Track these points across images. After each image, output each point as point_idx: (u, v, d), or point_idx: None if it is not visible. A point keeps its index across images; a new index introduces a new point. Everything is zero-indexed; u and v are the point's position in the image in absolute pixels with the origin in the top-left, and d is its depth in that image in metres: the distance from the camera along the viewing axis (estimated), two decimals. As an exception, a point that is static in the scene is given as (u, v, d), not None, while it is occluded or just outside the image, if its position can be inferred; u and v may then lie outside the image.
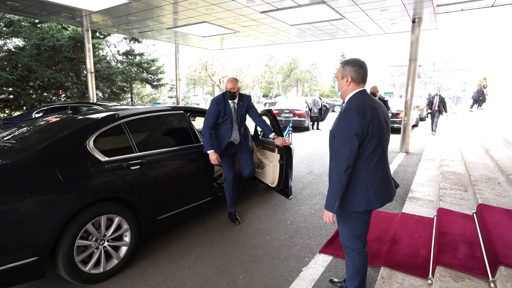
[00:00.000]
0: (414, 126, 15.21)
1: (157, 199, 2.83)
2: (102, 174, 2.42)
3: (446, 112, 9.58)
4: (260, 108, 29.15)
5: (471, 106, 15.34)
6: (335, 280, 2.38)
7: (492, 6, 6.21)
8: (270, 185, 3.90)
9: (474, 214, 3.25)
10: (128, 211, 2.58)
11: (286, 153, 3.62)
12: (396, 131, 9.49)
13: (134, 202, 2.60)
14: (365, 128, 1.64)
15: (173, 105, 3.42)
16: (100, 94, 12.09)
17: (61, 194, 2.13)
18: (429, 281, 2.27)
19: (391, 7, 6.33)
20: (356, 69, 1.76)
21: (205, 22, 7.88)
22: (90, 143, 2.43)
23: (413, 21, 7.16)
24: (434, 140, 9.33)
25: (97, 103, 8.39)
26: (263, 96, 44.99)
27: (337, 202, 1.68)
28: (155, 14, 7.47)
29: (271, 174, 3.85)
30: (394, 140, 9.26)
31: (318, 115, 13.02)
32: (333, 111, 26.52)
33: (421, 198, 4.20)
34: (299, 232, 3.30)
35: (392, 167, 6.23)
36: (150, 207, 2.75)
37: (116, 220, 2.47)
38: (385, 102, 6.11)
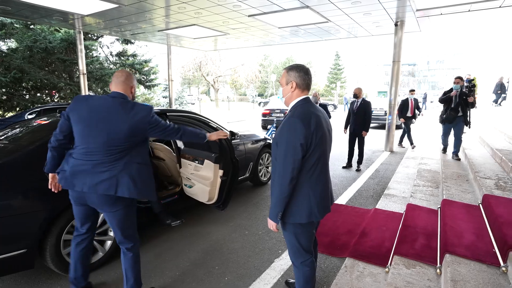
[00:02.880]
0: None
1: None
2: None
3: (419, 112, 8.54)
4: (256, 109, 29.32)
5: (496, 102, 13.91)
6: (291, 281, 2.41)
7: (469, 11, 6.47)
8: (205, 202, 3.29)
9: (439, 209, 3.49)
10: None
11: (233, 167, 3.10)
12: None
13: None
14: (309, 139, 1.59)
15: (156, 109, 3.59)
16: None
17: (49, 192, 2.32)
18: (386, 269, 2.49)
19: (373, 11, 6.57)
20: (301, 75, 1.69)
21: (195, 25, 8.06)
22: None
23: (396, 24, 7.41)
24: (420, 139, 9.60)
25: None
26: (258, 95, 45.24)
27: (280, 213, 1.65)
28: (146, 17, 7.64)
29: (206, 193, 3.15)
30: (379, 139, 9.54)
31: None
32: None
33: (395, 195, 4.43)
34: (276, 227, 3.51)
35: (375, 166, 6.48)
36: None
37: (101, 216, 2.66)
38: (367, 105, 5.94)
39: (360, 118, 5.89)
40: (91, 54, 12.20)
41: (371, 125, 8.01)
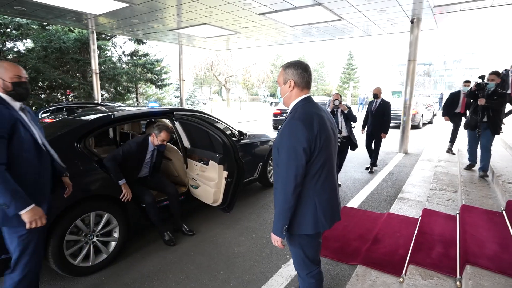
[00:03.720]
0: (428, 123, 15.15)
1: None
2: (91, 172, 2.57)
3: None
4: (265, 108, 29.22)
5: None
6: None
7: (491, 6, 6.17)
8: (210, 204, 3.22)
9: (457, 215, 3.30)
10: (118, 208, 2.72)
11: (238, 168, 2.98)
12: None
13: (127, 202, 2.74)
14: (312, 142, 1.45)
15: (163, 107, 3.53)
16: (106, 94, 12.38)
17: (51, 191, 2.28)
18: (401, 279, 2.34)
19: (388, 8, 6.35)
20: (299, 72, 1.54)
21: (205, 24, 8.01)
22: (81, 143, 2.58)
23: (412, 22, 7.15)
24: (435, 140, 9.27)
25: (102, 103, 8.64)
26: (270, 95, 45.05)
27: (285, 226, 1.50)
28: (157, 16, 7.64)
29: (211, 194, 3.07)
30: (394, 140, 9.26)
31: None
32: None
33: (410, 199, 4.24)
34: (284, 230, 3.39)
35: (389, 168, 6.27)
36: (138, 205, 2.89)
37: (105, 216, 2.62)
38: (387, 105, 5.65)
39: (378, 119, 5.63)
40: (104, 53, 12.36)
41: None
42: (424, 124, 14.21)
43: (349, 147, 4.71)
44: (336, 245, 3.01)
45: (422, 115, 13.36)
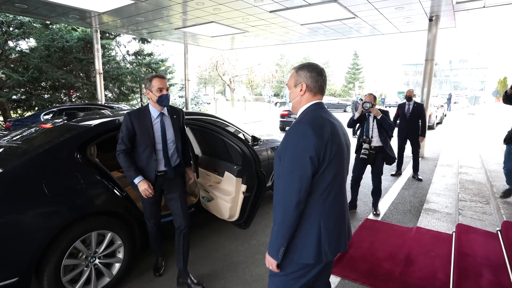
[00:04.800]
0: (438, 123, 14.85)
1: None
2: (93, 186, 2.28)
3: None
4: (272, 109, 28.96)
5: None
6: None
7: (516, 2, 5.81)
8: (224, 219, 2.88)
9: (499, 232, 2.97)
10: (122, 225, 2.43)
11: (259, 182, 2.60)
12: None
13: (129, 215, 2.45)
14: (321, 151, 1.23)
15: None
16: (110, 95, 12.13)
17: (46, 209, 1.99)
18: (449, 313, 2.03)
19: (407, 5, 6.01)
20: (313, 75, 1.36)
21: (213, 22, 7.72)
22: (81, 153, 2.29)
23: (430, 20, 6.80)
24: (451, 143, 8.91)
25: (105, 104, 8.37)
26: (274, 95, 44.74)
27: (282, 248, 1.27)
28: (163, 14, 7.36)
29: (227, 209, 2.76)
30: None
31: None
32: (344, 111, 26.05)
33: (437, 210, 3.92)
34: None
35: (406, 174, 5.92)
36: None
37: (108, 236, 2.32)
38: (421, 107, 5.37)
39: (414, 122, 5.42)
40: (108, 53, 12.11)
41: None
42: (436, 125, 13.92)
43: (383, 161, 3.77)
44: (364, 267, 2.69)
45: (436, 116, 13.07)
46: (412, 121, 5.43)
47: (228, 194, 2.73)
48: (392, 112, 5.04)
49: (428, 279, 2.44)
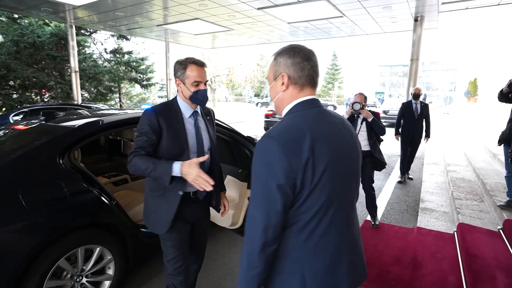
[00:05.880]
0: None
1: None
2: (79, 195, 2.00)
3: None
4: (255, 110, 28.89)
5: None
6: None
7: (498, 4, 5.98)
8: (226, 227, 2.66)
9: (501, 231, 2.95)
10: (112, 238, 2.16)
11: None
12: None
13: (120, 226, 2.19)
14: (298, 174, 0.88)
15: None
16: (86, 95, 11.50)
17: (24, 224, 1.71)
18: (470, 320, 1.93)
19: (394, 4, 6.04)
20: (297, 61, 0.99)
21: (197, 19, 7.45)
22: (64, 158, 2.01)
23: (416, 20, 6.90)
24: (433, 141, 9.12)
25: (82, 105, 7.88)
26: (255, 95, 44.67)
27: None
28: (144, 9, 7.01)
29: (229, 216, 2.55)
30: (394, 142, 9.02)
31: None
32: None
33: (434, 209, 3.89)
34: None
35: (396, 172, 5.93)
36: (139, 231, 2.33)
37: (97, 250, 2.06)
38: (427, 107, 4.98)
39: (421, 122, 5.09)
40: (83, 51, 11.48)
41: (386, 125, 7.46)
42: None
43: (373, 167, 3.42)
44: (372, 272, 2.57)
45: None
46: (420, 122, 5.06)
47: (231, 200, 2.51)
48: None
49: (440, 283, 2.35)
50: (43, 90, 10.73)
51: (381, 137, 3.42)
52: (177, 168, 1.46)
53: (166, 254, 1.74)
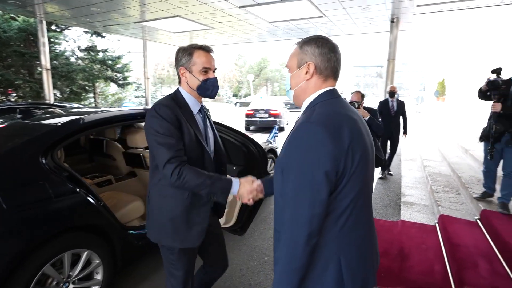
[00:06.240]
0: None
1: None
2: (65, 196, 1.89)
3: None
4: (232, 110, 28.73)
5: None
6: None
7: (466, 8, 6.33)
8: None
9: (478, 221, 3.12)
10: (100, 240, 2.06)
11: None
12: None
13: (108, 228, 2.09)
14: (341, 162, 0.89)
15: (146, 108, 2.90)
16: (58, 94, 10.93)
17: (4, 229, 1.59)
18: (458, 306, 2.02)
19: (372, 5, 6.23)
20: (325, 52, 1.00)
21: (177, 16, 7.30)
22: (47, 158, 1.89)
23: (392, 21, 7.15)
24: (409, 138, 9.49)
25: (55, 104, 7.48)
26: (233, 95, 44.50)
27: None
28: (121, 5, 6.77)
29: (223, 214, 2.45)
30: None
31: None
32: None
33: (415, 203, 4.05)
34: (299, 249, 2.94)
35: (377, 169, 6.12)
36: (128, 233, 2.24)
37: (84, 255, 1.95)
38: (403, 104, 5.18)
39: (398, 119, 5.29)
40: (54, 48, 10.90)
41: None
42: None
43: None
44: (363, 265, 2.63)
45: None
46: (396, 119, 5.28)
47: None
48: None
49: (428, 273, 2.44)
50: (9, 90, 10.08)
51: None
52: (236, 186, 1.39)
53: (174, 276, 1.54)
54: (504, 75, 3.04)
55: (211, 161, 1.51)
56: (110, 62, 11.56)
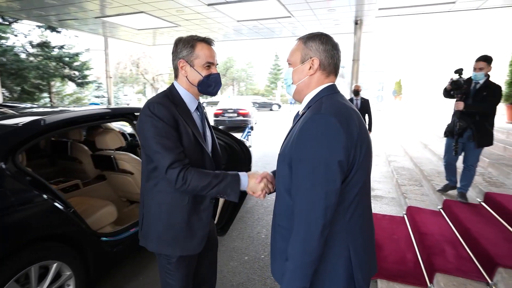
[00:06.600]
0: None
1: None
2: (29, 204, 1.72)
3: None
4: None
5: None
6: None
7: (423, 13, 6.79)
8: None
9: (441, 210, 3.35)
10: (71, 250, 1.91)
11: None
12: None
13: (79, 236, 1.94)
14: (351, 152, 0.92)
15: (119, 107, 2.74)
16: (8, 94, 9.98)
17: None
18: (431, 291, 2.15)
19: (338, 7, 6.44)
20: (328, 49, 1.03)
21: (142, 12, 7.00)
22: (8, 162, 1.71)
23: (356, 23, 7.46)
24: (371, 135, 9.98)
25: (5, 104, 6.82)
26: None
27: None
28: (79, -1, 6.35)
29: None
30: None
31: None
32: (271, 109, 27.07)
33: (383, 196, 4.26)
34: (278, 246, 2.96)
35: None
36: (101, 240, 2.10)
37: (54, 267, 1.79)
38: (367, 103, 5.44)
39: (363, 117, 5.57)
40: (0, 43, 9.92)
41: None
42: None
43: None
44: (341, 258, 2.71)
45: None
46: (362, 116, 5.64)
47: None
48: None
49: (401, 262, 2.57)
50: None
51: None
52: (245, 181, 1.30)
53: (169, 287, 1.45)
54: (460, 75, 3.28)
55: (212, 162, 1.41)
56: (67, 59, 10.77)
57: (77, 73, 11.17)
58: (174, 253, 1.37)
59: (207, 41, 1.35)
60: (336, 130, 0.90)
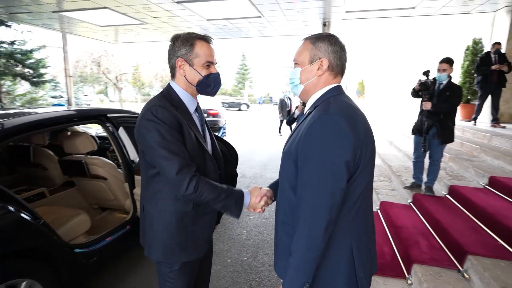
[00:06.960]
0: None
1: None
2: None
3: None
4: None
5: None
6: None
7: (386, 17, 7.15)
8: None
9: (411, 204, 3.54)
10: (42, 266, 1.74)
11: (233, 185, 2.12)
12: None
13: (50, 249, 1.78)
14: (358, 153, 0.94)
15: (88, 108, 2.57)
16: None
17: None
18: (409, 281, 2.26)
19: (307, 9, 6.57)
20: (337, 50, 1.05)
21: (106, 8, 6.62)
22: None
23: (324, 25, 7.67)
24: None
25: None
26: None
27: (306, 285, 0.95)
28: (34, -9, 5.86)
29: None
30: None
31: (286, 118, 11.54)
32: (239, 109, 27.05)
33: (356, 192, 4.41)
34: (259, 248, 2.95)
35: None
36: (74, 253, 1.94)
37: (23, 285, 1.63)
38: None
39: None
40: None
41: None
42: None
43: None
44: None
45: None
46: None
47: None
48: None
49: (379, 256, 2.67)
50: None
51: None
52: (247, 200, 1.29)
53: None
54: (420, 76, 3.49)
55: (214, 163, 1.36)
56: (19, 56, 9.89)
57: (31, 71, 10.31)
58: (179, 260, 1.31)
59: (207, 39, 1.31)
60: (343, 131, 0.92)
